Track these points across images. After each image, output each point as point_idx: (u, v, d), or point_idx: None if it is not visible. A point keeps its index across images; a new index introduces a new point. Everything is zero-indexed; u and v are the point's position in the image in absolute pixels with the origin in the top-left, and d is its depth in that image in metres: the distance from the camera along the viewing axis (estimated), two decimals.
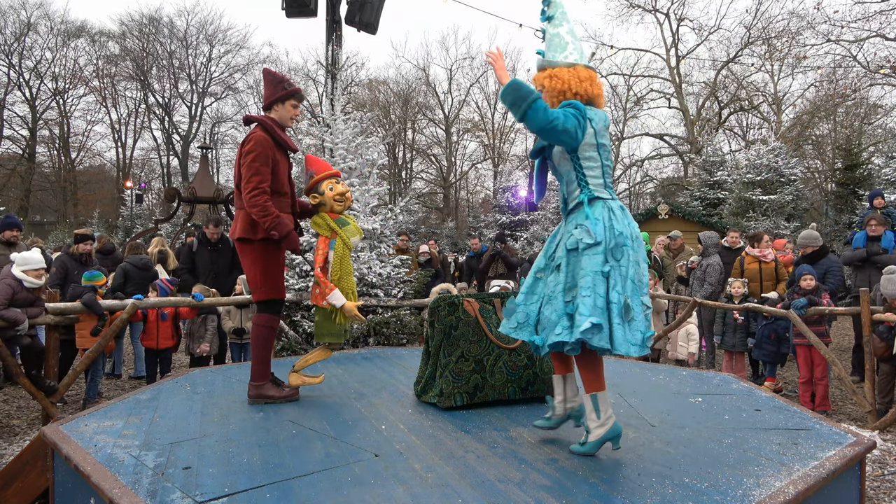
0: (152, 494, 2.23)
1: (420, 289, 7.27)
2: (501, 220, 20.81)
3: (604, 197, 2.66)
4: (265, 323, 3.62)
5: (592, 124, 2.63)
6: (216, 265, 6.69)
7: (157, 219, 19.13)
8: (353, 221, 3.78)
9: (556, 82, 2.71)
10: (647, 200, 35.67)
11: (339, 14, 9.26)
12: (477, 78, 36.31)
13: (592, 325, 2.42)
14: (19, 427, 5.18)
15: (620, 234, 2.57)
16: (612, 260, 2.54)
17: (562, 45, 2.78)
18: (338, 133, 7.28)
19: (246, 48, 44.28)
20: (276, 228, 3.37)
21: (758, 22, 28.15)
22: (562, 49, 2.78)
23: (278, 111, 3.59)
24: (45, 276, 4.91)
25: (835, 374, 5.49)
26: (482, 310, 3.59)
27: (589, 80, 2.73)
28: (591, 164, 2.67)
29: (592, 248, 2.55)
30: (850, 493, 2.79)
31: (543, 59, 2.81)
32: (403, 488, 2.32)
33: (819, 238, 6.54)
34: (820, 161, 27.72)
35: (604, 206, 2.64)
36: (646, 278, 2.64)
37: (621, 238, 2.56)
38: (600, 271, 2.52)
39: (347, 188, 3.76)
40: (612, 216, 2.61)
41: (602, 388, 2.65)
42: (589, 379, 2.65)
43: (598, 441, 2.65)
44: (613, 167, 31.73)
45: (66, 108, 35.74)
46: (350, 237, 3.67)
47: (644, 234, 8.50)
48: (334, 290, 3.53)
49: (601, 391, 2.64)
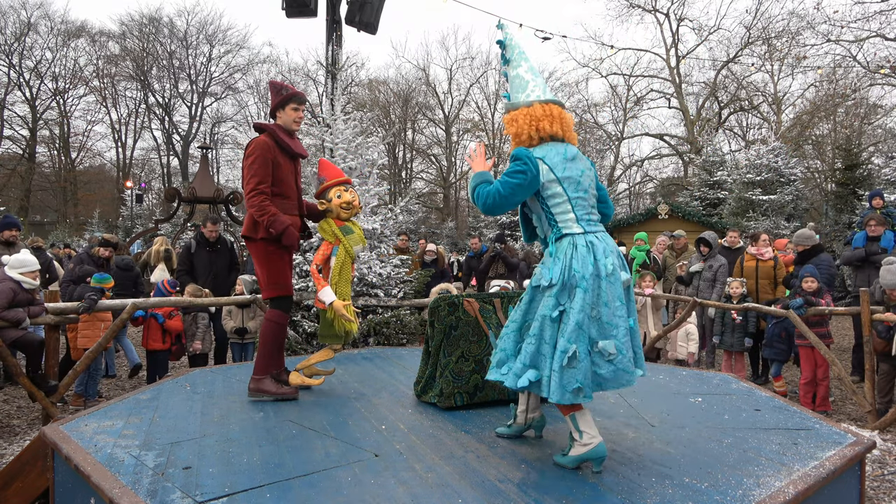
0: (152, 494, 2.23)
1: (420, 289, 7.27)
2: (501, 220, 20.78)
3: (573, 232, 2.57)
4: (273, 318, 3.73)
5: (545, 161, 2.59)
6: (215, 266, 6.70)
7: (157, 219, 19.12)
8: (359, 230, 3.82)
9: (512, 127, 2.74)
10: (647, 200, 35.66)
11: (339, 14, 9.25)
12: (477, 78, 36.36)
13: (530, 382, 2.47)
14: (19, 427, 5.18)
15: (574, 274, 2.46)
16: (565, 301, 2.46)
17: (522, 85, 2.80)
18: (338, 133, 7.28)
19: (246, 48, 44.39)
20: (272, 225, 3.50)
21: (758, 22, 28.18)
22: (522, 89, 2.79)
23: (282, 117, 3.74)
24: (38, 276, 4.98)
25: (835, 374, 5.49)
26: (482, 310, 3.59)
27: (546, 117, 2.68)
28: (557, 201, 2.60)
29: (547, 291, 2.52)
30: (850, 493, 2.79)
31: (507, 102, 2.85)
32: (403, 488, 2.32)
33: (814, 237, 6.57)
34: (820, 161, 27.71)
35: (570, 242, 2.55)
36: (621, 312, 2.48)
37: (574, 279, 2.46)
38: (549, 316, 2.47)
39: (355, 196, 3.80)
40: (575, 254, 2.50)
41: (578, 409, 2.53)
42: None
43: (578, 458, 2.53)
44: (609, 174, 31.69)
45: (66, 108, 35.79)
46: (353, 245, 3.74)
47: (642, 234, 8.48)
48: (325, 286, 3.61)
49: (578, 411, 2.53)
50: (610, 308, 2.46)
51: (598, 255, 2.51)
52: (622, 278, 2.55)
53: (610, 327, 2.45)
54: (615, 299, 2.48)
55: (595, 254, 2.51)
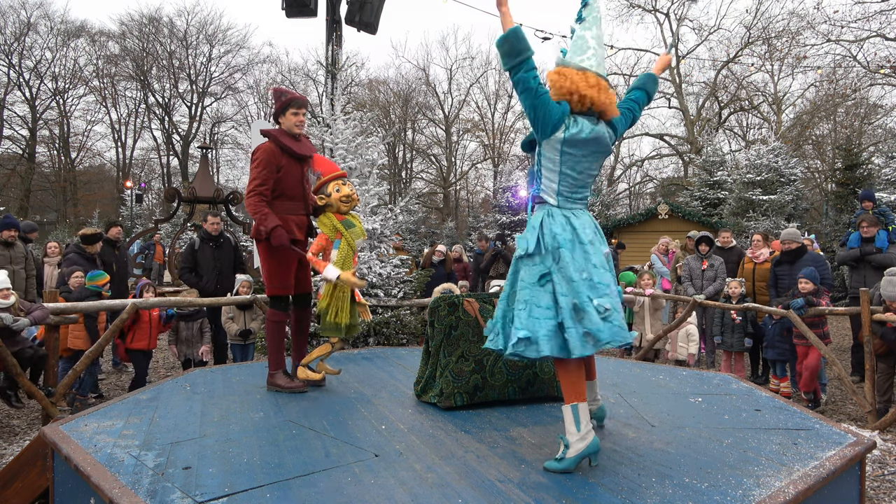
0: (152, 494, 2.23)
1: (420, 289, 7.27)
2: (501, 220, 20.78)
3: (549, 203, 2.66)
4: (272, 318, 3.96)
5: (569, 127, 2.58)
6: (219, 262, 6.64)
7: (157, 219, 19.12)
8: (359, 223, 3.89)
9: (565, 81, 2.62)
10: (647, 200, 35.66)
11: (339, 14, 9.25)
12: (477, 78, 36.35)
13: (519, 339, 2.46)
14: (19, 427, 5.18)
15: (556, 237, 2.56)
16: (550, 265, 2.54)
17: (583, 48, 2.69)
18: (338, 133, 7.28)
19: (246, 48, 44.23)
20: (262, 224, 3.64)
21: (758, 22, 28.16)
22: (582, 52, 2.68)
23: (284, 122, 3.90)
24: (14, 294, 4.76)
25: (835, 374, 5.49)
26: (482, 310, 3.59)
27: (598, 86, 2.62)
28: (549, 166, 2.65)
29: (528, 259, 2.59)
30: (850, 493, 2.79)
31: (562, 58, 2.76)
32: (403, 488, 2.32)
33: (800, 237, 6.70)
34: (820, 161, 27.71)
35: (547, 213, 2.64)
36: (600, 278, 2.54)
37: (557, 242, 2.55)
38: (536, 283, 2.53)
39: (353, 189, 3.89)
40: (552, 221, 2.60)
41: (582, 399, 2.54)
42: (566, 389, 2.57)
43: (578, 456, 2.50)
44: (609, 174, 31.58)
45: (66, 108, 35.73)
46: (355, 239, 3.80)
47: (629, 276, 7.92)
48: (327, 265, 3.65)
49: (581, 402, 2.54)
50: (599, 270, 2.54)
51: (575, 225, 2.60)
52: (602, 250, 2.62)
53: (602, 286, 2.53)
54: (601, 265, 2.56)
55: (573, 224, 2.60)
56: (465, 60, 37.56)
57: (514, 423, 3.20)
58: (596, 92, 2.61)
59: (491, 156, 36.16)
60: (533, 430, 3.06)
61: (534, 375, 3.58)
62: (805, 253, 6.49)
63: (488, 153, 36.78)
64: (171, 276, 13.41)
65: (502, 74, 36.33)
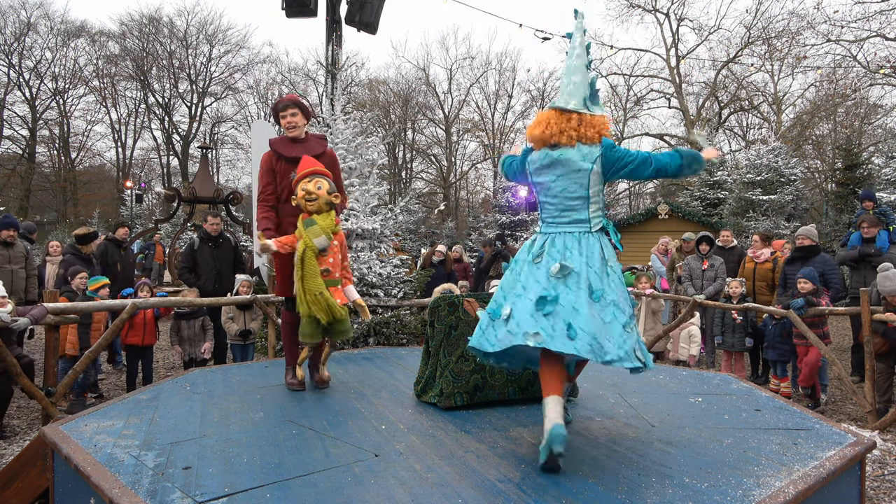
0: (152, 494, 2.23)
1: (420, 288, 7.27)
2: (501, 220, 20.77)
3: (538, 230, 2.98)
4: (284, 319, 4.12)
5: (531, 164, 2.95)
6: (219, 262, 6.65)
7: (157, 219, 19.12)
8: (324, 219, 3.63)
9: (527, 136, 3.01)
10: (647, 200, 35.66)
11: (339, 14, 9.26)
12: (477, 78, 36.33)
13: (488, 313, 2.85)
14: (19, 427, 5.18)
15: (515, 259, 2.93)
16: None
17: (560, 87, 2.99)
18: (338, 133, 7.28)
19: (246, 48, 44.17)
20: (258, 229, 3.84)
21: (758, 22, 28.12)
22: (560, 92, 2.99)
23: (281, 128, 4.09)
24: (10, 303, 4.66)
25: (835, 374, 5.48)
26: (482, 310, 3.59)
27: (537, 124, 2.90)
28: (538, 198, 2.98)
29: None
30: (850, 493, 2.79)
31: None
32: (403, 488, 2.32)
33: (816, 235, 6.60)
34: (820, 161, 27.71)
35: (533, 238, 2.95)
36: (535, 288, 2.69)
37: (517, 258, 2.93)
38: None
39: (315, 186, 3.63)
40: (526, 245, 2.95)
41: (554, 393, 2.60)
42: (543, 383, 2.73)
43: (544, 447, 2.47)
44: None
45: (66, 108, 35.70)
46: (313, 237, 3.56)
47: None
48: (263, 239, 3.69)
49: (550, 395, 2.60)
50: (521, 282, 2.76)
51: (535, 247, 2.86)
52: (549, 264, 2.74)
53: (513, 295, 2.75)
54: (530, 277, 2.75)
55: (535, 245, 2.86)
56: (465, 60, 37.56)
57: (514, 423, 3.20)
58: (537, 130, 2.89)
59: (491, 156, 36.17)
60: (533, 430, 3.06)
61: (534, 375, 3.58)
62: (818, 254, 6.39)
63: (488, 153, 36.79)
64: (171, 276, 13.42)
65: (502, 74, 36.45)
